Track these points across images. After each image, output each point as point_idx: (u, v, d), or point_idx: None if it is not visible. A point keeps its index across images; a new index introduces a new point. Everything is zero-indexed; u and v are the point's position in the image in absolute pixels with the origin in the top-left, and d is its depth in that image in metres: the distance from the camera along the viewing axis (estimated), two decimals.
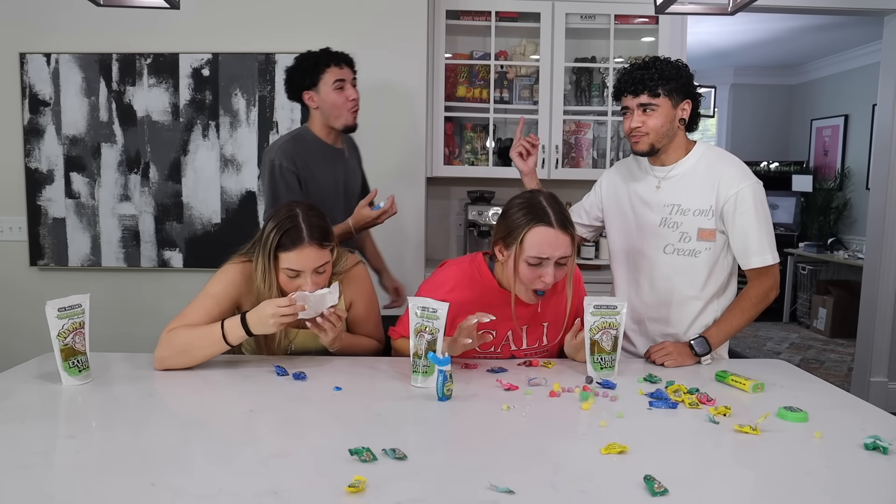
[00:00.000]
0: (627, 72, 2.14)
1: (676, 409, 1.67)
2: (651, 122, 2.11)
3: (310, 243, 1.91)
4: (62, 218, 3.63)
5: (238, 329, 1.86)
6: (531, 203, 1.90)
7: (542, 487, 1.24)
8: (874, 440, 1.43)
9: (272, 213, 2.02)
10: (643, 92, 2.09)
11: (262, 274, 1.96)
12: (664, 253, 2.19)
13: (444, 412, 1.64)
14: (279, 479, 1.24)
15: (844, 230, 7.29)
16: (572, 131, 4.09)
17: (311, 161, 2.62)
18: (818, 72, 7.76)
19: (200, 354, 1.90)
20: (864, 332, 4.51)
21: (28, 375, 1.86)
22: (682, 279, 2.18)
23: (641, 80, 2.09)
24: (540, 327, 2.09)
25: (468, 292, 2.01)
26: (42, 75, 3.55)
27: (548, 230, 1.85)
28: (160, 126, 3.59)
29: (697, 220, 2.13)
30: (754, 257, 2.12)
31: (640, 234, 2.23)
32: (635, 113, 2.12)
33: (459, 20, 3.89)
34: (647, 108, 2.10)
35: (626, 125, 2.17)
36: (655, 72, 2.09)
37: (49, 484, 1.23)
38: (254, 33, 3.57)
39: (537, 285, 1.90)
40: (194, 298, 2.00)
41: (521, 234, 1.86)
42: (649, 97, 2.09)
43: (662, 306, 2.22)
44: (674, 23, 3.92)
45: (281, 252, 1.92)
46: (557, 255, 1.87)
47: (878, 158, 4.49)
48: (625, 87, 2.13)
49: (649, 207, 2.21)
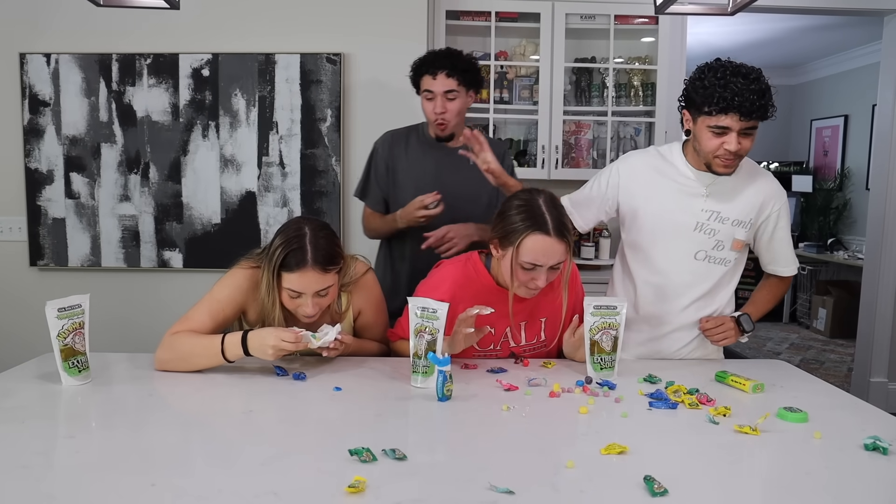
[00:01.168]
0: (738, 91, 1.89)
1: (676, 410, 1.67)
2: (748, 144, 1.97)
3: (313, 266, 1.88)
4: (62, 218, 3.63)
5: (237, 348, 1.84)
6: (531, 207, 1.89)
7: (541, 488, 1.24)
8: (874, 440, 1.43)
9: (282, 227, 1.99)
10: (758, 118, 1.93)
11: (267, 288, 1.95)
12: (694, 259, 2.14)
13: (444, 412, 1.64)
14: (279, 479, 1.24)
15: (844, 230, 7.29)
16: (572, 131, 4.09)
17: (409, 153, 2.63)
18: (818, 72, 7.76)
19: (199, 364, 1.89)
20: (864, 333, 4.51)
21: (28, 375, 1.86)
22: (706, 285, 2.16)
23: (762, 108, 1.91)
24: (538, 323, 2.09)
25: (465, 291, 2.01)
26: (42, 75, 3.55)
27: (545, 239, 1.85)
28: (160, 126, 3.59)
29: (734, 229, 2.12)
30: (787, 267, 2.22)
31: (668, 235, 2.15)
32: (735, 135, 1.94)
33: (459, 20, 3.90)
34: (750, 132, 1.96)
35: (716, 145, 1.97)
36: (769, 95, 1.92)
37: (49, 484, 1.23)
38: (253, 33, 3.57)
39: (530, 286, 1.91)
40: (200, 300, 2.00)
41: (519, 239, 1.85)
42: (759, 121, 1.95)
43: (670, 308, 2.18)
44: (674, 23, 3.93)
45: (284, 272, 1.91)
46: (552, 263, 1.88)
47: (877, 159, 4.49)
48: (735, 107, 1.90)
49: (686, 211, 2.12)
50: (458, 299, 1.96)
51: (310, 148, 3.60)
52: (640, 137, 4.16)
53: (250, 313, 2.02)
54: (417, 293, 2.04)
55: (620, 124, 4.15)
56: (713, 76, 1.94)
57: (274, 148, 3.61)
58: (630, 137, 4.17)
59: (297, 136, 3.60)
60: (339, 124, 3.58)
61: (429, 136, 2.64)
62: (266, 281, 1.94)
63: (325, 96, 3.57)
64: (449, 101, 2.48)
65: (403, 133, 2.69)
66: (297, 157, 3.60)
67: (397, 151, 2.64)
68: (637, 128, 4.18)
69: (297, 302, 1.93)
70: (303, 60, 3.56)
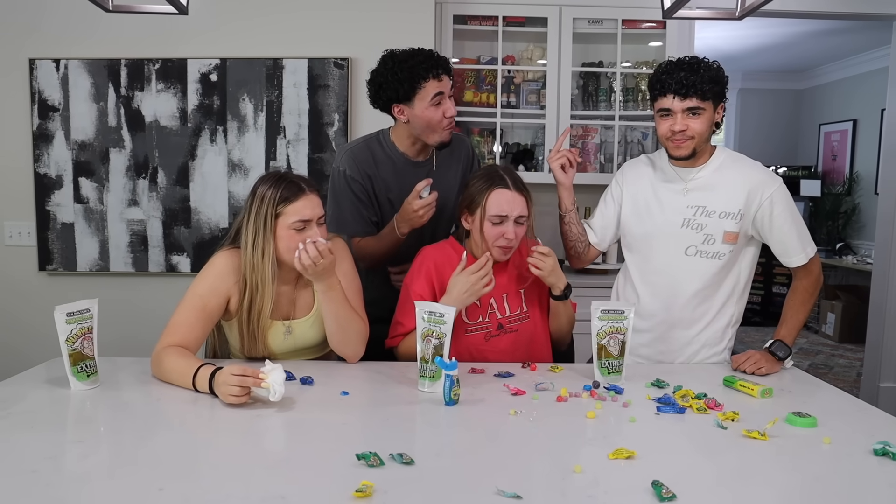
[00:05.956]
0: (668, 72, 2.05)
1: (684, 415, 1.67)
2: (696, 126, 2.05)
3: (311, 191, 1.95)
4: (71, 223, 3.65)
5: (205, 383, 1.74)
6: (490, 172, 2.14)
7: (549, 493, 1.23)
8: (883, 446, 1.42)
9: (255, 185, 1.98)
10: (693, 95, 2.02)
11: (254, 241, 1.93)
12: (685, 255, 2.16)
13: (452, 417, 1.64)
14: (287, 483, 1.24)
15: (853, 235, 7.26)
16: (579, 136, 4.09)
17: (380, 170, 2.38)
18: (826, 76, 7.74)
19: (180, 385, 1.81)
20: (874, 338, 4.48)
21: (36, 380, 1.87)
22: (702, 281, 2.17)
23: (693, 84, 2.01)
24: (518, 294, 2.22)
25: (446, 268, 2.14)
26: (51, 81, 3.58)
27: (506, 192, 2.08)
28: (168, 131, 3.61)
29: (723, 222, 2.12)
30: (797, 255, 2.15)
31: (658, 234, 2.20)
32: (679, 116, 2.05)
33: (467, 25, 3.90)
34: (694, 112, 2.05)
35: (665, 128, 2.08)
36: (705, 73, 2.02)
37: (57, 489, 1.23)
38: (261, 38, 3.58)
39: (501, 243, 2.09)
40: (182, 299, 1.97)
41: (484, 197, 2.08)
42: (699, 101, 2.03)
43: (679, 308, 2.19)
44: (681, 27, 3.92)
45: (285, 206, 1.91)
46: (516, 214, 2.08)
47: (886, 163, 4.47)
48: (669, 88, 2.04)
49: (672, 209, 2.18)
50: (441, 275, 2.14)
51: (317, 152, 3.61)
52: (648, 142, 4.15)
53: (234, 299, 1.99)
54: (407, 279, 2.19)
55: (628, 129, 4.14)
56: (658, 68, 2.12)
57: (281, 152, 3.62)
58: (637, 142, 4.16)
59: (304, 140, 3.61)
60: (347, 129, 3.59)
61: (394, 150, 2.41)
62: (253, 234, 1.93)
63: (332, 101, 3.58)
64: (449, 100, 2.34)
65: (361, 150, 2.40)
66: (304, 161, 3.61)
67: (370, 172, 2.38)
68: (644, 132, 4.17)
69: (303, 235, 1.91)
70: (310, 65, 3.57)
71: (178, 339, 1.91)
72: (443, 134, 2.34)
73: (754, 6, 1.79)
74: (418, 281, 2.15)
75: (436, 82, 2.26)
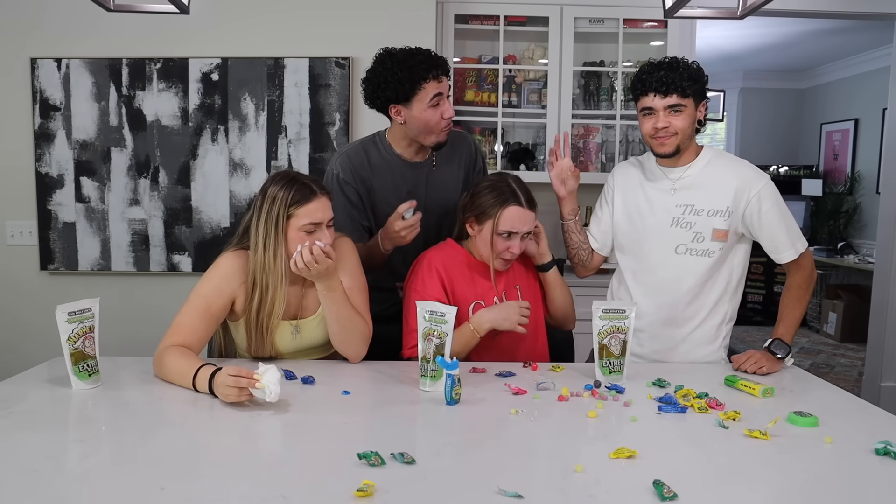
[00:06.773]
0: (648, 72, 2.10)
1: (685, 414, 1.67)
2: (679, 123, 2.09)
3: (322, 194, 1.95)
4: (72, 222, 3.65)
5: (205, 383, 1.74)
6: (502, 187, 2.14)
7: (550, 492, 1.23)
8: (885, 445, 1.42)
9: (263, 185, 1.99)
10: (674, 93, 2.06)
11: (265, 242, 1.93)
12: (675, 253, 2.18)
13: (453, 416, 1.64)
14: (288, 483, 1.24)
15: (854, 234, 7.25)
16: (581, 135, 4.08)
17: (376, 174, 2.36)
18: (828, 76, 7.73)
19: (181, 385, 1.81)
20: (875, 337, 4.48)
21: (38, 379, 1.87)
22: (694, 279, 2.18)
23: (672, 82, 2.05)
24: (515, 291, 2.25)
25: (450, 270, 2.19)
26: (53, 80, 3.58)
27: (519, 209, 2.11)
28: (169, 130, 3.61)
29: (712, 220, 2.14)
30: (787, 251, 2.15)
31: (651, 234, 2.22)
32: (661, 114, 2.09)
33: (468, 24, 3.90)
34: (675, 109, 2.08)
35: (649, 126, 2.12)
36: (684, 71, 2.07)
37: (58, 488, 1.23)
38: (263, 38, 3.58)
39: (506, 255, 2.14)
40: (186, 300, 1.97)
41: (496, 212, 2.10)
42: (679, 98, 2.07)
43: (671, 307, 2.21)
44: (683, 27, 3.91)
45: (297, 208, 1.92)
46: (525, 230, 2.13)
47: (888, 162, 4.47)
48: (650, 87, 2.08)
49: (661, 208, 2.20)
50: (451, 276, 2.18)
51: (318, 152, 3.61)
52: None
53: (239, 300, 1.98)
54: (408, 284, 2.20)
55: (629, 128, 4.13)
56: (639, 70, 2.16)
57: (283, 152, 3.62)
58: (639, 141, 4.15)
59: (305, 140, 3.61)
60: (348, 128, 3.59)
61: (391, 152, 2.38)
62: (264, 235, 1.93)
63: (333, 100, 3.58)
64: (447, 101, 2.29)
65: (357, 153, 2.38)
66: (305, 160, 3.61)
67: (364, 175, 2.35)
68: None
69: (313, 237, 1.92)
70: (312, 64, 3.57)
71: (181, 339, 1.91)
72: (440, 135, 2.31)
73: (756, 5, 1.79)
74: (431, 284, 2.14)
75: (435, 83, 2.23)
